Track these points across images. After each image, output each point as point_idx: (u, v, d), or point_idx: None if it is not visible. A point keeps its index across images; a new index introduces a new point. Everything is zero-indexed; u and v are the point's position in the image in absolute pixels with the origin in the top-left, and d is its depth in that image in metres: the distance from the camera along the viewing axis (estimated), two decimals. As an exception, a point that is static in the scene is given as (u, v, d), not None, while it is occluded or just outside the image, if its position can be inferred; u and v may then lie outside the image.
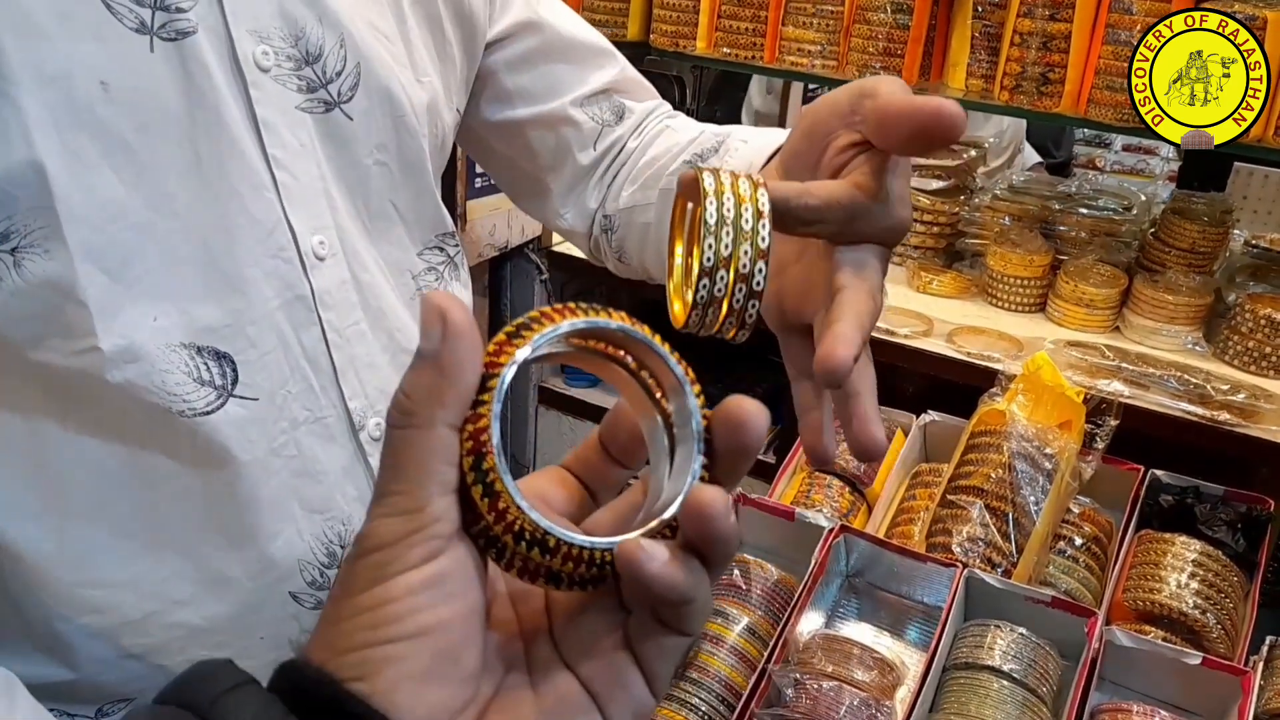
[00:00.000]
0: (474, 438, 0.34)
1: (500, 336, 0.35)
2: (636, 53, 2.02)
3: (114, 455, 0.61)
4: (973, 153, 2.05)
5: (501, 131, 0.86)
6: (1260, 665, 0.98)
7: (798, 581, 1.06)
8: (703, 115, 2.33)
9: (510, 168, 0.90)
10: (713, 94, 2.96)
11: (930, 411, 1.32)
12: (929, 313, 1.74)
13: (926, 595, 1.09)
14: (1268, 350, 1.58)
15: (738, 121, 2.93)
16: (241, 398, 0.62)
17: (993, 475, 1.11)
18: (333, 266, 0.66)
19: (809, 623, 1.05)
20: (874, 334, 0.52)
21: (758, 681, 0.96)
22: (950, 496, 1.13)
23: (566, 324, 0.35)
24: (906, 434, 1.31)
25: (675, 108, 0.91)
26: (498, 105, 0.85)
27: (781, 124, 2.76)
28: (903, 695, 0.98)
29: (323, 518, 0.68)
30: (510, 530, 0.34)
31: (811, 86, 2.85)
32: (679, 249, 0.50)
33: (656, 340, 0.37)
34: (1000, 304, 1.83)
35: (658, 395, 0.38)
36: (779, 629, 1.01)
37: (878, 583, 1.12)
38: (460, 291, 0.82)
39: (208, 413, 0.61)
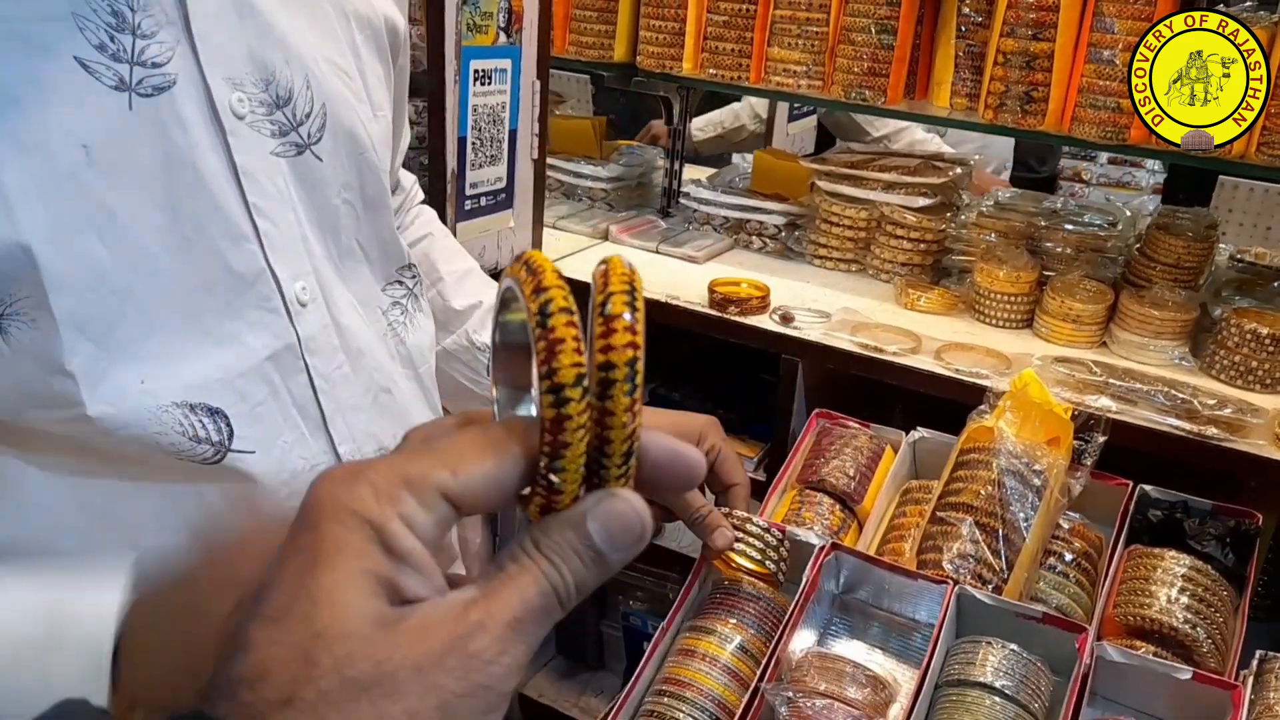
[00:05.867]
0: None
1: None
2: (624, 74, 2.02)
3: (95, 500, 0.60)
4: (958, 170, 2.06)
5: None
6: (1250, 679, 0.98)
7: (789, 600, 1.06)
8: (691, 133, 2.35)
9: None
10: (700, 113, 2.98)
11: (920, 429, 1.32)
12: (917, 330, 1.74)
13: (918, 612, 1.10)
14: (1253, 364, 1.59)
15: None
16: (239, 451, 0.62)
17: (982, 492, 1.11)
18: (314, 312, 0.66)
19: (801, 641, 1.05)
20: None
21: (751, 700, 0.95)
22: (940, 513, 1.13)
23: None
24: (896, 451, 1.31)
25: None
26: None
27: (768, 142, 2.77)
28: (895, 713, 0.98)
29: None
30: None
31: (796, 106, 2.86)
32: None
33: None
34: (988, 320, 1.84)
35: None
36: (771, 647, 1.01)
37: (869, 600, 1.12)
38: (424, 321, 0.82)
39: (206, 465, 0.61)
